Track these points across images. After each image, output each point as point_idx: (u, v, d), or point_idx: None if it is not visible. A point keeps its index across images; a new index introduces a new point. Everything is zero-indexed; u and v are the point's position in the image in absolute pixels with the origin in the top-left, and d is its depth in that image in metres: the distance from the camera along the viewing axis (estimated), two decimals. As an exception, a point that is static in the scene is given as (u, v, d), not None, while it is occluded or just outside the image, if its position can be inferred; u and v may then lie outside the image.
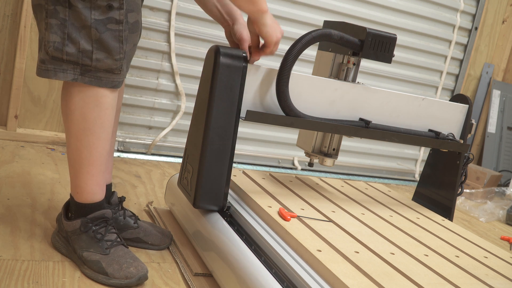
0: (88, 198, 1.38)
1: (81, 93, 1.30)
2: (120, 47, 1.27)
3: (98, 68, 1.27)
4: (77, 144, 1.34)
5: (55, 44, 1.24)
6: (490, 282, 1.28)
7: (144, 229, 1.55)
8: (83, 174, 1.36)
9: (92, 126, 1.32)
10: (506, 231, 2.63)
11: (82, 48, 1.25)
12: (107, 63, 1.27)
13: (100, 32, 1.24)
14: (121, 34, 1.27)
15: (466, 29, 3.27)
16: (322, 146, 1.75)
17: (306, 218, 1.46)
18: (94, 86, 1.29)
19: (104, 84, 1.30)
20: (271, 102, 1.50)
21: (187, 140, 1.57)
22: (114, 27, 1.25)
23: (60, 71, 1.27)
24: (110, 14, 1.24)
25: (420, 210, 1.82)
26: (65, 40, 1.24)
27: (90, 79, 1.28)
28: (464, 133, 1.83)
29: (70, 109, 1.32)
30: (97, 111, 1.32)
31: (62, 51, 1.24)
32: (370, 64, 2.98)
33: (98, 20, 1.24)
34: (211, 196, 1.48)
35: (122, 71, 1.31)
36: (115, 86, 1.32)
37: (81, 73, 1.27)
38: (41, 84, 2.38)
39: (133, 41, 1.32)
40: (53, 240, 1.45)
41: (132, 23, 1.29)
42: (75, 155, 1.36)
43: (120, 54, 1.28)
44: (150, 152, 2.59)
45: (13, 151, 2.20)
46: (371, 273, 1.18)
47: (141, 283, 1.33)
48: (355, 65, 1.65)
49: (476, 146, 3.58)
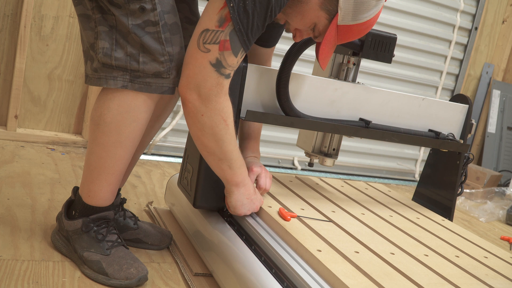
0: (99, 203, 1.37)
1: (120, 107, 1.28)
2: (163, 49, 1.25)
3: (146, 73, 1.25)
4: (102, 153, 1.32)
5: (104, 50, 1.25)
6: (490, 282, 1.28)
7: (143, 230, 1.55)
8: (101, 181, 1.35)
9: (124, 140, 1.30)
10: (506, 231, 2.63)
11: (129, 52, 1.24)
12: (153, 66, 1.25)
13: (140, 36, 1.23)
14: (160, 36, 1.24)
15: (466, 29, 3.27)
16: (322, 146, 1.75)
17: (306, 218, 1.46)
18: (135, 96, 1.27)
19: (154, 90, 1.27)
20: (271, 102, 1.50)
21: (187, 140, 1.57)
22: (152, 30, 1.24)
23: (111, 78, 1.26)
24: (145, 17, 1.23)
25: (420, 210, 1.82)
26: (114, 46, 1.25)
27: (140, 86, 1.26)
28: (464, 133, 1.83)
29: (105, 121, 1.29)
30: (133, 127, 1.30)
31: (111, 57, 1.25)
32: (370, 64, 2.98)
33: (135, 25, 1.23)
34: (211, 196, 1.48)
35: (171, 75, 1.27)
36: (165, 92, 1.28)
37: (130, 79, 1.26)
38: (41, 84, 2.38)
39: (178, 44, 1.28)
40: (53, 239, 1.44)
41: (170, 24, 1.26)
42: (97, 163, 1.33)
43: (164, 56, 1.25)
44: (150, 152, 2.59)
45: (13, 151, 2.20)
46: (371, 273, 1.18)
47: (141, 284, 1.33)
48: (355, 65, 1.65)
49: (476, 146, 3.58)
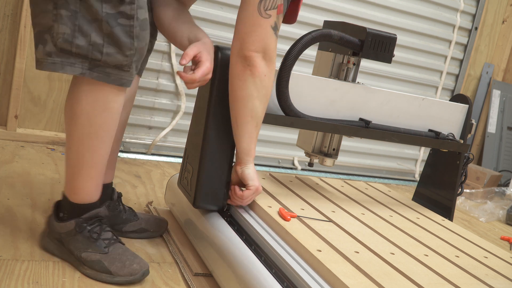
0: (85, 199, 1.36)
1: (89, 97, 1.27)
2: (131, 43, 1.23)
3: (108, 63, 1.23)
4: (79, 147, 1.31)
5: (64, 35, 1.20)
6: (490, 282, 1.28)
7: (144, 219, 1.60)
8: (83, 176, 1.34)
9: (97, 130, 1.30)
10: (506, 231, 2.62)
11: (92, 41, 1.21)
12: (117, 59, 1.23)
13: (111, 26, 1.20)
14: (132, 30, 1.23)
15: (466, 29, 3.27)
16: (322, 146, 1.75)
17: (306, 218, 1.46)
18: (102, 86, 1.26)
19: (113, 80, 1.25)
20: (271, 102, 1.50)
21: (187, 140, 1.57)
22: (125, 22, 1.22)
23: (68, 64, 1.22)
24: (121, 9, 1.21)
25: (420, 210, 1.82)
26: (75, 32, 1.20)
27: (98, 75, 1.24)
28: (464, 133, 1.83)
29: (75, 113, 1.28)
30: (104, 116, 1.29)
31: (72, 43, 1.20)
32: (370, 64, 2.98)
33: (110, 14, 1.20)
34: (211, 196, 1.48)
35: (131, 69, 1.27)
36: (123, 84, 1.28)
37: (89, 67, 1.23)
38: (41, 84, 2.38)
39: (144, 40, 1.27)
40: (43, 242, 1.41)
41: (141, 20, 1.25)
42: (76, 157, 1.33)
43: (131, 51, 1.24)
44: (150, 152, 2.59)
45: (13, 151, 2.20)
46: (371, 273, 1.18)
47: (144, 278, 1.35)
48: (355, 65, 1.65)
49: (476, 146, 3.58)
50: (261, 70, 1.36)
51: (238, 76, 1.38)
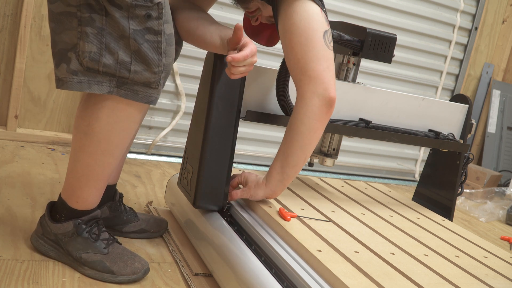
0: (88, 207, 1.36)
1: (110, 117, 1.23)
2: (159, 60, 1.20)
3: (136, 81, 1.19)
4: (90, 161, 1.29)
5: (91, 54, 1.15)
6: (490, 282, 1.28)
7: (144, 219, 1.61)
8: (90, 188, 1.32)
9: (113, 149, 1.28)
10: (506, 231, 2.62)
11: (120, 60, 1.17)
12: (145, 76, 1.19)
13: (138, 43, 1.16)
14: (159, 46, 1.19)
15: (466, 29, 3.27)
16: (322, 146, 1.75)
17: (306, 218, 1.46)
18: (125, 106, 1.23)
19: (141, 98, 1.22)
20: (271, 102, 1.50)
21: (187, 140, 1.57)
22: (152, 38, 1.18)
23: (95, 83, 1.18)
24: (148, 24, 1.16)
25: (420, 210, 1.82)
26: (103, 51, 1.16)
27: (126, 92, 1.20)
28: (464, 133, 1.83)
29: (93, 131, 1.25)
30: (123, 136, 1.27)
31: (99, 62, 1.16)
32: (370, 64, 2.98)
33: (137, 31, 1.16)
34: (211, 196, 1.48)
35: (159, 86, 1.23)
36: (151, 102, 1.24)
37: (117, 85, 1.19)
38: (41, 84, 2.38)
39: (171, 55, 1.23)
40: (36, 243, 1.38)
41: (168, 34, 1.21)
42: (85, 170, 1.30)
43: (159, 67, 1.20)
44: (150, 152, 2.59)
45: (13, 151, 2.20)
46: (371, 273, 1.18)
47: (145, 276, 1.36)
48: (355, 65, 1.65)
49: (476, 146, 3.58)
50: (332, 106, 1.34)
51: (319, 119, 1.34)
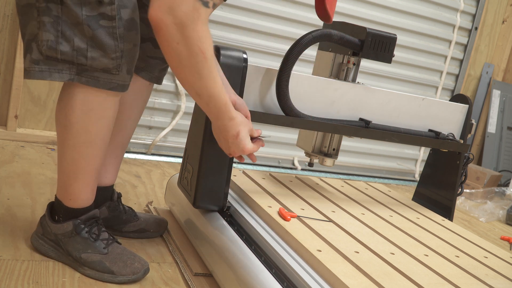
0: (81, 204, 1.35)
1: (84, 106, 1.24)
2: (116, 45, 1.20)
3: (94, 68, 1.20)
4: (74, 155, 1.29)
5: (48, 42, 1.17)
6: (490, 282, 1.28)
7: (144, 219, 1.60)
8: (79, 184, 1.32)
9: (94, 138, 1.28)
10: (506, 231, 2.62)
11: (76, 46, 1.18)
12: (103, 62, 1.20)
13: (93, 29, 1.17)
14: (114, 31, 1.19)
15: (466, 29, 3.27)
16: (322, 146, 1.75)
17: (306, 218, 1.46)
18: (96, 93, 1.23)
19: (102, 85, 1.22)
20: (271, 102, 1.50)
21: (187, 140, 1.57)
22: (106, 24, 1.18)
23: (56, 71, 1.20)
24: (101, 10, 1.17)
25: (420, 210, 1.82)
26: (59, 38, 1.18)
27: (87, 79, 1.21)
28: (464, 133, 1.83)
29: (70, 122, 1.25)
30: (100, 124, 1.27)
31: (56, 50, 1.18)
32: (370, 64, 2.98)
33: (90, 17, 1.17)
34: (211, 196, 1.48)
35: (121, 72, 1.23)
36: (113, 88, 1.24)
37: (77, 72, 1.21)
38: (41, 84, 2.38)
39: (132, 40, 1.23)
40: (36, 244, 1.39)
41: (126, 19, 1.21)
42: (71, 165, 1.30)
43: (116, 53, 1.20)
44: (150, 152, 2.59)
45: (13, 151, 2.20)
46: (371, 273, 1.18)
47: (145, 276, 1.36)
48: (355, 65, 1.65)
49: (476, 146, 3.58)
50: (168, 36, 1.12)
51: None
